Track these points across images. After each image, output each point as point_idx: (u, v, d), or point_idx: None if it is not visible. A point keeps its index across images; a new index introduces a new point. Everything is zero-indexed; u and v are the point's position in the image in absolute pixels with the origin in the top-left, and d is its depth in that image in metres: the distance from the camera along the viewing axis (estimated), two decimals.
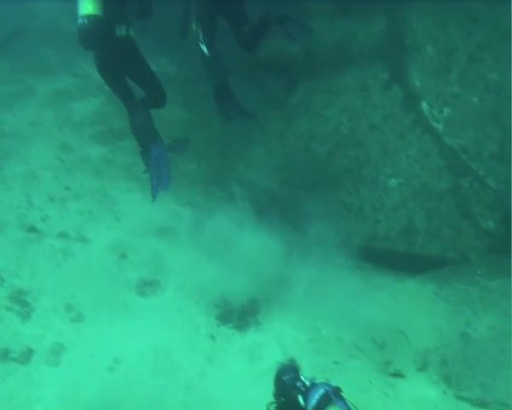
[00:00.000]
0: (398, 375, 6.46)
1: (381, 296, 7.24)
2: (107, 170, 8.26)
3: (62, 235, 7.72)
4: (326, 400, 4.95)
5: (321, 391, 5.00)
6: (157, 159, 6.87)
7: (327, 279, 7.28)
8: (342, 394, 5.07)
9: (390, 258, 7.74)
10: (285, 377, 5.29)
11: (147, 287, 7.27)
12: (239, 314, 6.99)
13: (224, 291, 7.16)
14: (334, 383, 5.08)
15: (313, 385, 5.15)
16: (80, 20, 6.29)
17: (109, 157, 7.79)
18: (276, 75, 9.63)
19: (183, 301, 7.14)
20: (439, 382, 6.35)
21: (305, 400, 5.02)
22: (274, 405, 5.34)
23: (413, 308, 7.12)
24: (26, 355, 6.37)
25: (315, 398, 4.97)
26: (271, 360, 6.22)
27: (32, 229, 7.71)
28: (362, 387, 6.22)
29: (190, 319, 6.95)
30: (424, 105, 8.15)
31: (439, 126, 8.01)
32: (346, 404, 4.99)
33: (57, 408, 5.86)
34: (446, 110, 8.05)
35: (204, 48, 6.94)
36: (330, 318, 7.00)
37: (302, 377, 5.24)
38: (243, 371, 6.39)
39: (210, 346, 6.67)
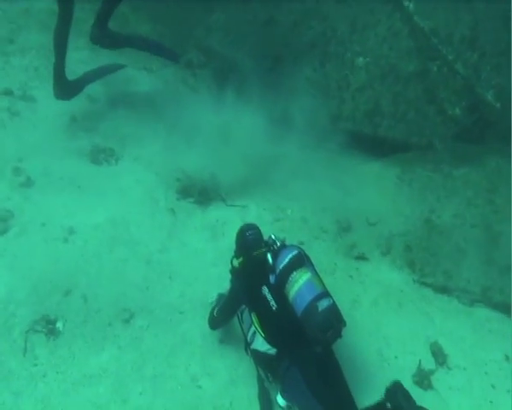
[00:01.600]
0: (362, 258, 6.25)
1: (345, 179, 6.92)
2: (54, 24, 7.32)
3: (7, 93, 6.92)
4: (299, 262, 4.63)
5: (295, 252, 4.69)
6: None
7: (291, 160, 6.90)
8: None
9: (354, 139, 7.39)
10: (249, 233, 5.01)
11: (101, 154, 6.64)
12: (200, 189, 6.52)
13: (184, 166, 6.66)
14: None
15: (285, 246, 4.83)
16: None
17: (55, 10, 6.86)
18: None
19: (140, 173, 6.59)
20: (403, 267, 6.19)
21: (275, 259, 4.71)
22: (235, 261, 5.04)
23: (377, 192, 6.86)
24: None
25: (288, 257, 4.65)
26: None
27: None
28: (327, 269, 5.97)
29: (149, 191, 6.43)
30: None
31: (410, 5, 7.54)
32: (315, 271, 4.74)
33: (7, 278, 5.31)
34: None
35: None
36: (295, 198, 6.68)
37: (273, 236, 4.90)
38: (205, 248, 5.99)
39: (170, 220, 6.21)
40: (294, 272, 4.57)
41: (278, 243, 4.83)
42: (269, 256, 4.73)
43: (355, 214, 6.61)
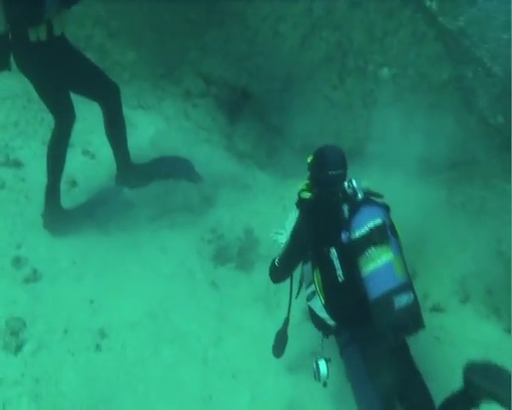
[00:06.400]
0: (438, 310, 5.10)
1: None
2: None
3: None
4: (380, 236, 3.53)
5: (378, 221, 3.56)
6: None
7: None
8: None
9: (386, 161, 6.20)
10: (332, 173, 3.88)
11: (112, 223, 5.25)
12: (237, 250, 5.24)
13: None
14: None
15: (367, 201, 3.70)
16: None
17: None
18: None
19: (165, 239, 5.26)
20: (490, 315, 5.09)
21: (352, 214, 3.64)
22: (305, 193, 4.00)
23: (430, 221, 5.68)
24: None
25: (368, 225, 3.55)
26: None
27: None
28: None
29: (180, 261, 5.10)
30: None
31: (433, 5, 6.40)
32: (399, 249, 3.63)
33: None
34: None
35: None
36: None
37: (354, 182, 3.76)
38: (263, 329, 4.67)
39: (215, 297, 4.91)
40: (373, 248, 3.51)
41: (360, 196, 3.71)
42: (345, 209, 3.69)
43: (413, 253, 5.45)
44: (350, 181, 3.79)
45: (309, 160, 4.07)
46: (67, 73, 4.75)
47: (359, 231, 3.57)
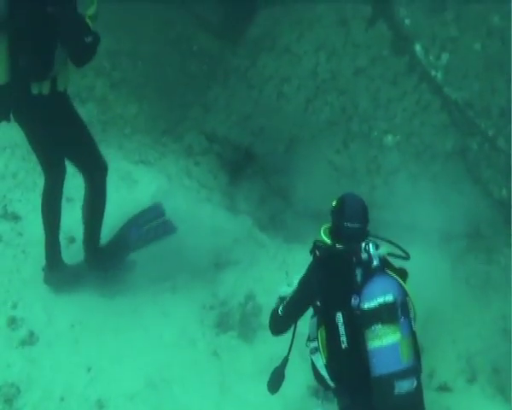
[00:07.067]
0: (445, 389, 4.97)
1: None
2: None
3: None
4: (390, 315, 3.36)
5: (389, 298, 3.38)
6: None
7: None
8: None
9: (390, 230, 6.11)
10: (348, 225, 3.67)
11: (114, 285, 5.05)
12: (240, 318, 5.07)
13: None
14: None
15: (383, 271, 3.52)
16: None
17: None
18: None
19: (166, 302, 5.07)
20: (495, 395, 4.96)
21: (365, 279, 3.47)
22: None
23: (434, 294, 5.57)
24: None
25: (378, 300, 3.38)
26: None
27: None
28: None
29: (181, 327, 4.91)
30: (418, 48, 6.49)
31: (438, 75, 6.42)
32: (410, 328, 3.50)
33: None
34: (445, 56, 6.46)
35: None
36: None
37: (371, 247, 3.56)
38: (269, 405, 4.51)
39: (217, 368, 4.71)
40: (380, 325, 3.35)
41: (375, 262, 3.51)
42: (359, 272, 3.49)
43: (417, 327, 5.33)
44: (367, 244, 3.60)
45: (333, 203, 3.89)
46: (61, 133, 4.55)
47: (368, 304, 3.41)
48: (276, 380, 4.12)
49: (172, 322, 4.96)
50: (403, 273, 3.73)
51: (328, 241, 3.75)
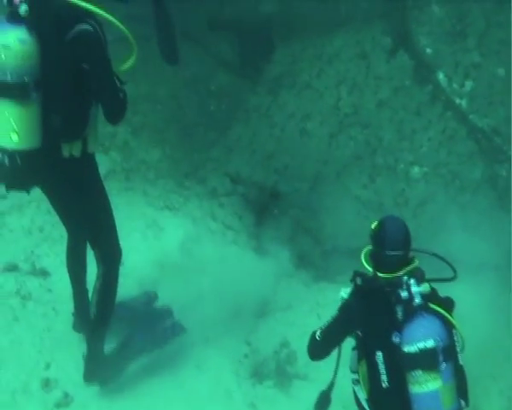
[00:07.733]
0: None
1: None
2: None
3: (11, 268, 5.27)
4: (430, 362, 3.20)
5: (430, 343, 3.20)
6: None
7: None
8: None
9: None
10: (391, 253, 3.40)
11: None
12: (275, 366, 4.96)
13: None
14: None
15: (425, 312, 3.29)
16: None
17: None
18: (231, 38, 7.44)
19: (200, 352, 4.95)
20: None
21: (405, 317, 3.27)
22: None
23: (469, 327, 5.46)
24: None
25: (419, 346, 3.21)
26: None
27: None
28: None
29: (216, 378, 4.80)
30: (441, 77, 6.44)
31: (462, 103, 6.34)
32: (450, 375, 3.25)
33: None
34: (468, 83, 6.38)
35: None
36: None
37: (413, 285, 3.30)
38: None
39: None
40: (420, 371, 3.19)
41: (417, 300, 3.29)
42: (399, 310, 3.29)
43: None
44: (407, 282, 3.34)
45: (372, 226, 3.59)
46: (86, 206, 4.19)
47: (409, 348, 3.24)
48: (322, 404, 4.01)
49: (207, 375, 4.84)
50: (449, 304, 3.53)
51: (369, 268, 3.59)
